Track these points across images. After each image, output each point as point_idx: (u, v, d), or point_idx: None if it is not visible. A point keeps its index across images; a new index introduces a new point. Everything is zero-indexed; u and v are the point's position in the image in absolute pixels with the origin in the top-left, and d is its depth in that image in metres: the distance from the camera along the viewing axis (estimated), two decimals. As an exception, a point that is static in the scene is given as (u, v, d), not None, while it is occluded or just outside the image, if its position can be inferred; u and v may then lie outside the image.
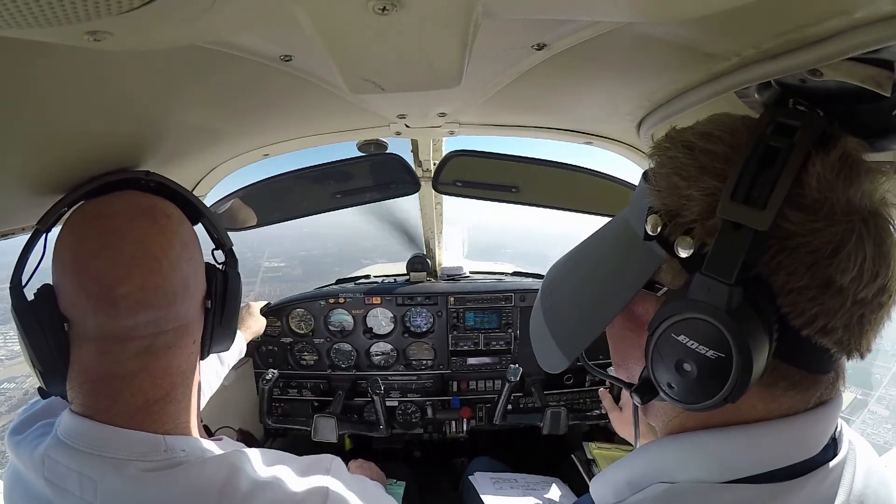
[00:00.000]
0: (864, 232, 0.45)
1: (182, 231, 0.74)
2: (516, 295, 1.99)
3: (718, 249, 0.46)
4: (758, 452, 0.50)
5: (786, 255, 0.45)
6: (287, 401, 2.06)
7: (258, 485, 0.64)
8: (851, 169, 0.46)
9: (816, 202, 0.45)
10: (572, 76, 0.94)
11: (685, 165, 0.50)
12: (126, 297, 0.64)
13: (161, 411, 0.68)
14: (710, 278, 0.46)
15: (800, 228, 0.44)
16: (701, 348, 0.47)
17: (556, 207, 1.76)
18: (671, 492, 0.51)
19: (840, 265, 0.44)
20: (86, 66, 0.63)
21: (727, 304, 0.45)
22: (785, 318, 0.46)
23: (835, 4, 0.49)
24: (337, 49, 0.62)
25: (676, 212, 0.50)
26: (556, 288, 0.66)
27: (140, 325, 0.66)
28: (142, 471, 0.60)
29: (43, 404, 0.76)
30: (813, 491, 0.49)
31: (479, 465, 1.77)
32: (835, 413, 0.52)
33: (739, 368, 0.45)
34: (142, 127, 0.89)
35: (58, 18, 0.41)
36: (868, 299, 0.46)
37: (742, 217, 0.45)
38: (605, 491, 0.60)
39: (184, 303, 0.71)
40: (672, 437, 0.55)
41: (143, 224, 0.68)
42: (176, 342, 0.71)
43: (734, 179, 0.46)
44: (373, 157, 1.58)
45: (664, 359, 0.50)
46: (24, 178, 0.78)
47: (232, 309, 0.80)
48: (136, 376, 0.66)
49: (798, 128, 0.48)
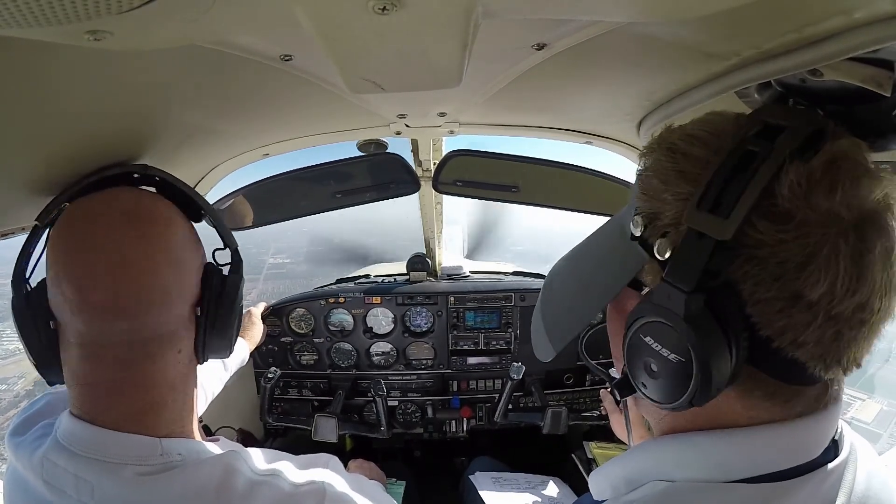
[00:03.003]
0: (840, 245, 0.42)
1: (168, 233, 0.70)
2: (516, 294, 1.99)
3: (680, 257, 0.47)
4: (756, 454, 0.50)
5: (754, 265, 0.44)
6: (287, 400, 2.06)
7: (255, 484, 0.64)
8: (838, 175, 0.43)
9: (787, 212, 0.43)
10: (572, 76, 0.94)
11: (665, 169, 0.51)
12: (100, 305, 0.63)
13: (156, 416, 0.67)
14: (670, 285, 0.47)
15: (768, 239, 0.43)
16: (664, 351, 0.48)
17: (557, 207, 1.76)
18: (669, 490, 0.52)
19: (809, 279, 0.43)
20: (85, 64, 0.63)
21: (685, 311, 0.45)
22: (754, 328, 0.46)
23: (835, 4, 0.48)
24: (337, 49, 0.62)
25: (655, 215, 0.51)
26: (554, 281, 0.68)
27: (115, 333, 0.64)
28: (137, 475, 0.60)
29: (43, 403, 0.76)
30: (812, 492, 0.49)
31: (480, 465, 1.77)
32: (834, 417, 0.52)
33: (699, 373, 0.45)
34: (141, 126, 0.89)
35: (58, 18, 0.41)
36: (845, 315, 0.44)
37: (705, 226, 0.45)
38: (604, 486, 0.60)
39: (164, 311, 0.67)
40: (670, 437, 0.55)
41: (121, 228, 0.66)
42: (157, 351, 0.67)
43: (703, 186, 0.46)
44: (373, 156, 1.58)
45: (635, 358, 0.52)
46: (24, 177, 0.78)
47: (226, 317, 0.74)
48: (121, 384, 0.65)
49: (784, 129, 0.46)
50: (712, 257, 0.44)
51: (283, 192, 1.69)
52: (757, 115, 0.50)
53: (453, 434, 2.03)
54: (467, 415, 2.02)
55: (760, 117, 0.49)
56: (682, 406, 0.48)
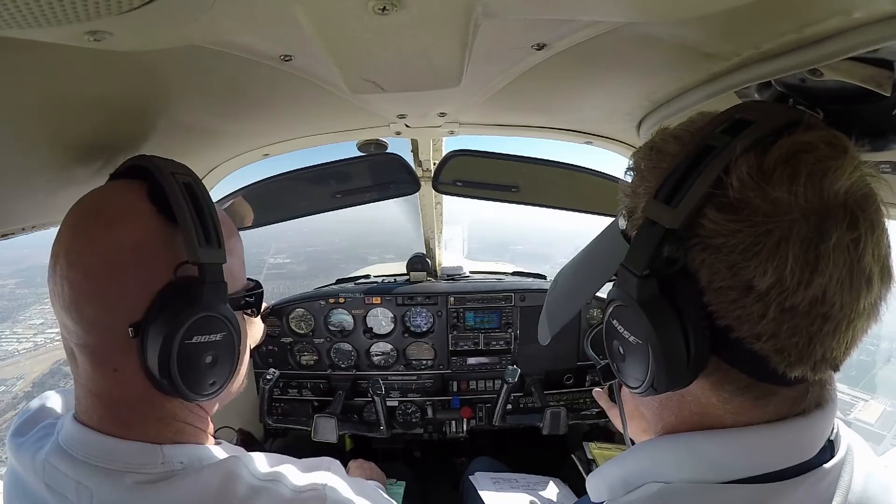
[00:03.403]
0: (789, 235, 0.42)
1: (111, 234, 0.60)
2: (516, 295, 1.99)
3: (634, 244, 0.50)
4: (750, 455, 0.50)
5: (709, 253, 0.45)
6: (287, 401, 2.06)
7: (255, 490, 0.64)
8: (797, 166, 0.43)
9: (738, 202, 0.44)
10: (572, 76, 0.94)
11: (643, 166, 0.54)
12: (56, 304, 0.61)
13: (157, 424, 0.65)
14: (626, 269, 0.50)
15: (721, 228, 0.44)
16: (626, 333, 0.51)
17: (557, 207, 1.76)
18: (666, 491, 0.52)
19: (758, 269, 0.43)
20: (85, 64, 0.63)
21: (637, 294, 0.48)
22: (712, 316, 0.46)
23: (835, 4, 0.49)
24: (337, 49, 0.62)
25: (632, 209, 0.55)
26: (561, 273, 0.74)
27: (71, 336, 0.62)
28: (137, 483, 0.60)
29: (43, 402, 0.76)
30: (807, 492, 0.49)
31: (480, 465, 1.77)
32: (828, 417, 0.52)
33: (654, 356, 0.48)
34: (141, 126, 0.89)
35: (58, 18, 0.41)
36: (801, 309, 0.43)
37: (656, 215, 0.47)
38: (601, 488, 0.61)
39: (92, 321, 0.60)
40: (665, 438, 0.56)
41: (75, 231, 0.61)
42: (101, 362, 0.61)
43: (663, 178, 0.49)
44: (373, 156, 1.58)
45: (608, 340, 0.56)
46: (24, 177, 0.78)
47: (165, 354, 0.58)
48: (100, 390, 0.63)
49: (751, 124, 0.46)
50: (662, 244, 0.46)
51: (283, 192, 1.69)
52: (731, 111, 0.51)
53: (453, 434, 2.03)
54: (467, 415, 2.02)
55: (733, 114, 0.50)
56: (646, 390, 0.51)
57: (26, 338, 55.25)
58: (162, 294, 0.60)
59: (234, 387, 0.76)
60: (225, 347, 0.65)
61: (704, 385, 0.50)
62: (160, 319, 0.59)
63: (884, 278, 0.45)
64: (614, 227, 0.61)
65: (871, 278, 0.44)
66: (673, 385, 0.49)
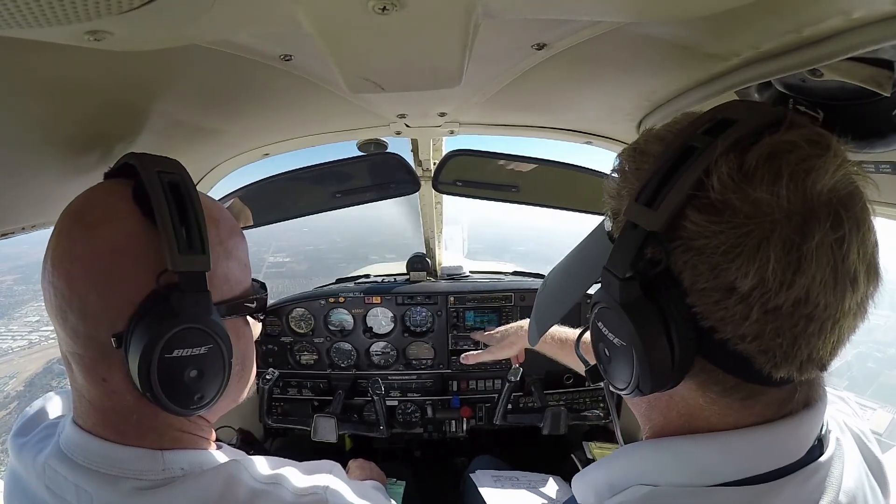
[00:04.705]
0: (770, 236, 0.42)
1: (101, 244, 0.57)
2: (516, 294, 1.99)
3: (616, 246, 0.50)
4: (736, 458, 0.50)
5: (692, 255, 0.45)
6: (287, 400, 2.05)
7: (256, 493, 0.63)
8: (779, 166, 0.42)
9: (719, 203, 0.43)
10: (572, 76, 0.94)
11: (626, 168, 0.54)
12: (49, 312, 0.61)
13: (156, 430, 0.64)
14: (609, 272, 0.50)
15: (703, 230, 0.44)
16: (610, 335, 0.51)
17: (556, 207, 1.76)
18: (652, 495, 0.52)
19: (740, 270, 0.42)
20: (84, 63, 0.63)
21: (620, 296, 0.48)
22: (696, 318, 0.46)
23: (834, 4, 0.49)
24: (337, 49, 0.62)
25: (616, 211, 0.55)
26: (550, 275, 0.74)
27: (60, 343, 0.61)
28: (136, 489, 0.59)
29: (45, 403, 0.76)
30: (795, 491, 0.49)
31: (481, 464, 1.77)
32: (817, 416, 0.52)
33: (638, 357, 0.48)
34: (141, 126, 0.89)
35: (58, 18, 0.41)
36: (784, 309, 0.43)
37: (637, 217, 0.47)
38: (587, 491, 0.60)
39: (76, 328, 0.57)
40: (652, 442, 0.56)
41: (59, 235, 0.59)
42: (91, 369, 0.59)
43: (645, 181, 0.48)
44: (373, 156, 1.58)
45: (595, 342, 0.56)
46: (24, 177, 0.78)
47: (144, 368, 0.55)
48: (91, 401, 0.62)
49: (733, 124, 0.46)
50: (644, 246, 0.46)
51: (283, 191, 1.69)
52: (713, 111, 0.51)
53: (453, 434, 2.02)
54: (467, 415, 2.02)
55: (716, 114, 0.49)
56: (632, 392, 0.51)
57: (21, 335, 54.43)
58: (144, 304, 0.56)
59: (241, 396, 0.74)
60: (211, 360, 0.60)
61: (691, 386, 0.50)
62: (139, 331, 0.55)
63: (870, 277, 0.45)
64: (601, 229, 0.61)
65: (857, 278, 0.43)
66: (658, 386, 0.49)
